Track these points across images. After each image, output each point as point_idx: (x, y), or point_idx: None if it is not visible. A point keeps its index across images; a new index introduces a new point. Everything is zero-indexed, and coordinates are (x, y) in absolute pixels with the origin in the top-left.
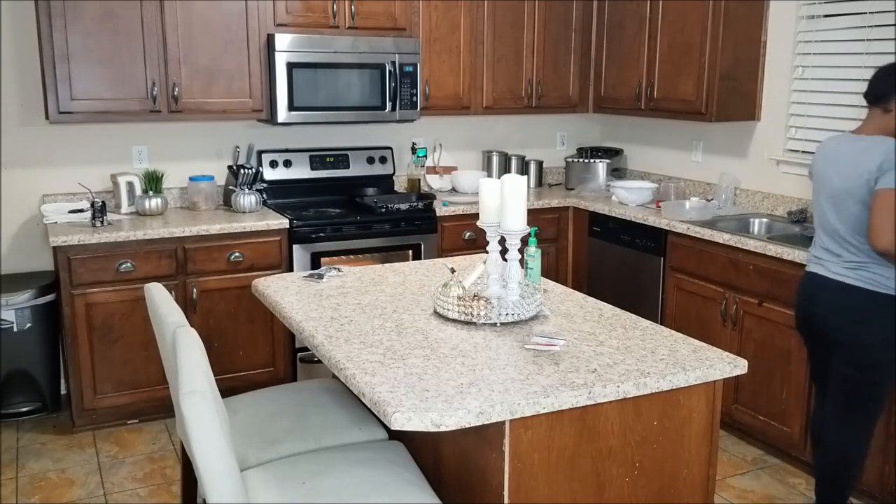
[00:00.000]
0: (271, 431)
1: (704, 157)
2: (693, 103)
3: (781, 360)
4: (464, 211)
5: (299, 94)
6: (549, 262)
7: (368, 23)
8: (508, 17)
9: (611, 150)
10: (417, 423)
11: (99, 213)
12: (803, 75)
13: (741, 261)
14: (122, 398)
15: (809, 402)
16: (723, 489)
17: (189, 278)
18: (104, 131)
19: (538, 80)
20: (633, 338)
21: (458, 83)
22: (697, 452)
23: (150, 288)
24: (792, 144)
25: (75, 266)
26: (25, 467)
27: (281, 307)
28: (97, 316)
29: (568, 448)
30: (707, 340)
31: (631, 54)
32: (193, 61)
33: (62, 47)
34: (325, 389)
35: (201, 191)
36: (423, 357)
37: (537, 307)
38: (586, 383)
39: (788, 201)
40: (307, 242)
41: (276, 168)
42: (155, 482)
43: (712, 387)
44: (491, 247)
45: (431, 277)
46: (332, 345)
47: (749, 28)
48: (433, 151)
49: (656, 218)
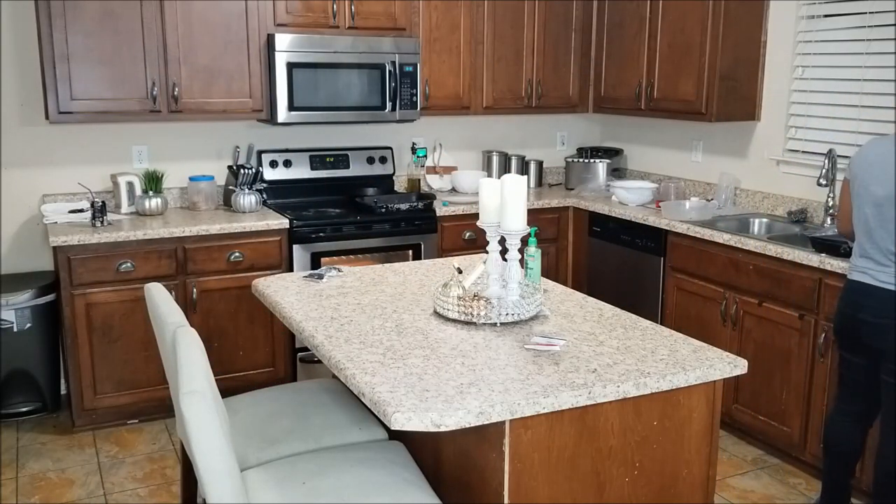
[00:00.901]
0: (271, 431)
1: (704, 157)
2: (693, 103)
3: (781, 360)
4: (464, 211)
5: (299, 94)
6: (549, 262)
7: (368, 23)
8: (508, 17)
9: (611, 150)
10: (417, 423)
11: (99, 213)
12: (803, 75)
13: (741, 261)
14: (122, 398)
15: (810, 402)
16: (723, 489)
17: (189, 278)
18: (104, 131)
19: (538, 80)
20: (633, 338)
21: (458, 83)
22: (697, 452)
23: (150, 288)
24: (792, 144)
25: (75, 266)
26: (25, 467)
27: (281, 307)
28: (97, 316)
29: (568, 448)
30: (707, 340)
31: (631, 54)
32: (193, 61)
33: (62, 47)
34: (325, 389)
35: (201, 191)
36: (423, 357)
37: (537, 307)
38: (586, 383)
39: (788, 201)
40: (307, 242)
41: (276, 168)
42: (155, 482)
43: (712, 387)
44: (491, 247)
45: (431, 277)
46: (332, 345)
47: (749, 28)
48: (433, 151)
49: (656, 218)
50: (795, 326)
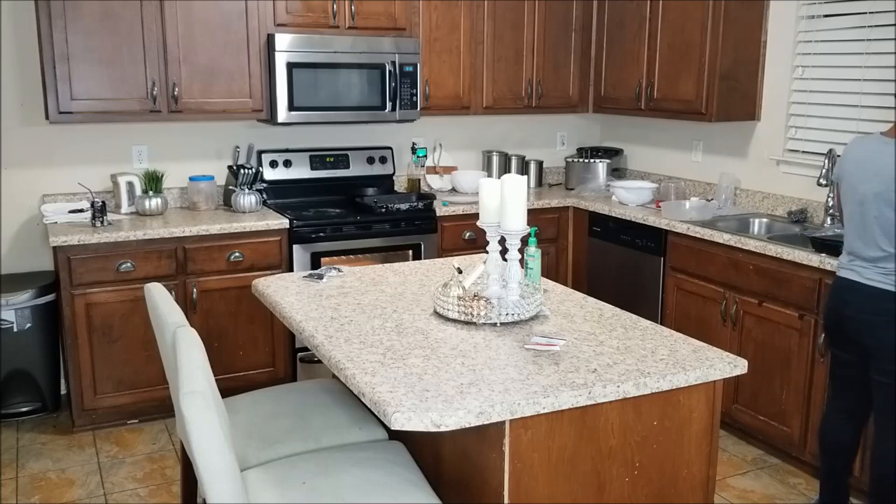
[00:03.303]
0: (271, 431)
1: (704, 157)
2: (693, 103)
3: (781, 360)
4: (464, 211)
5: (299, 94)
6: (549, 262)
7: (368, 23)
8: (508, 17)
9: (611, 150)
10: (417, 423)
11: (99, 213)
12: (803, 75)
13: (741, 261)
14: (122, 398)
15: (810, 401)
16: (723, 489)
17: (189, 278)
18: (104, 131)
19: (538, 80)
20: (633, 338)
21: (458, 83)
22: (697, 452)
23: (150, 288)
24: (792, 144)
25: (75, 266)
26: (25, 467)
27: (281, 307)
28: (97, 316)
29: (568, 448)
30: (707, 340)
31: (631, 54)
32: (193, 61)
33: (62, 47)
34: (325, 389)
35: (201, 191)
36: (423, 357)
37: (537, 307)
38: (586, 383)
39: (788, 201)
40: (307, 242)
41: (276, 168)
42: (155, 482)
43: (712, 387)
44: (491, 247)
45: (431, 277)
46: (332, 345)
47: (749, 28)
48: (433, 151)
49: (656, 218)
50: (795, 326)
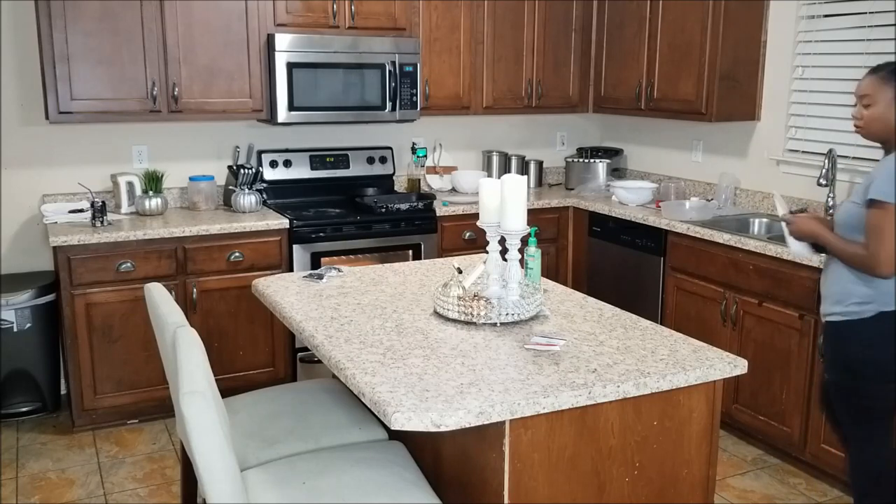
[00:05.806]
0: (271, 431)
1: (704, 157)
2: (693, 103)
3: (781, 360)
4: (464, 211)
5: (299, 94)
6: (549, 262)
7: (368, 23)
8: (508, 17)
9: (611, 150)
10: (417, 423)
11: (99, 213)
12: (803, 75)
13: (741, 261)
14: (122, 398)
15: (809, 401)
16: (723, 489)
17: (189, 278)
18: (104, 131)
19: (538, 80)
20: (633, 338)
21: (458, 83)
22: (697, 452)
23: (150, 288)
24: (792, 144)
25: (75, 266)
26: (25, 467)
27: (281, 307)
28: (97, 316)
29: (568, 448)
30: (707, 340)
31: (631, 54)
32: (193, 61)
33: (62, 47)
34: (325, 389)
35: (201, 191)
36: (423, 357)
37: (537, 307)
38: (586, 383)
39: (789, 201)
40: (307, 242)
41: (276, 168)
42: (155, 482)
43: (712, 387)
44: (491, 247)
45: (431, 277)
46: (332, 345)
47: (749, 28)
48: (433, 151)
49: (656, 218)
50: (795, 326)
